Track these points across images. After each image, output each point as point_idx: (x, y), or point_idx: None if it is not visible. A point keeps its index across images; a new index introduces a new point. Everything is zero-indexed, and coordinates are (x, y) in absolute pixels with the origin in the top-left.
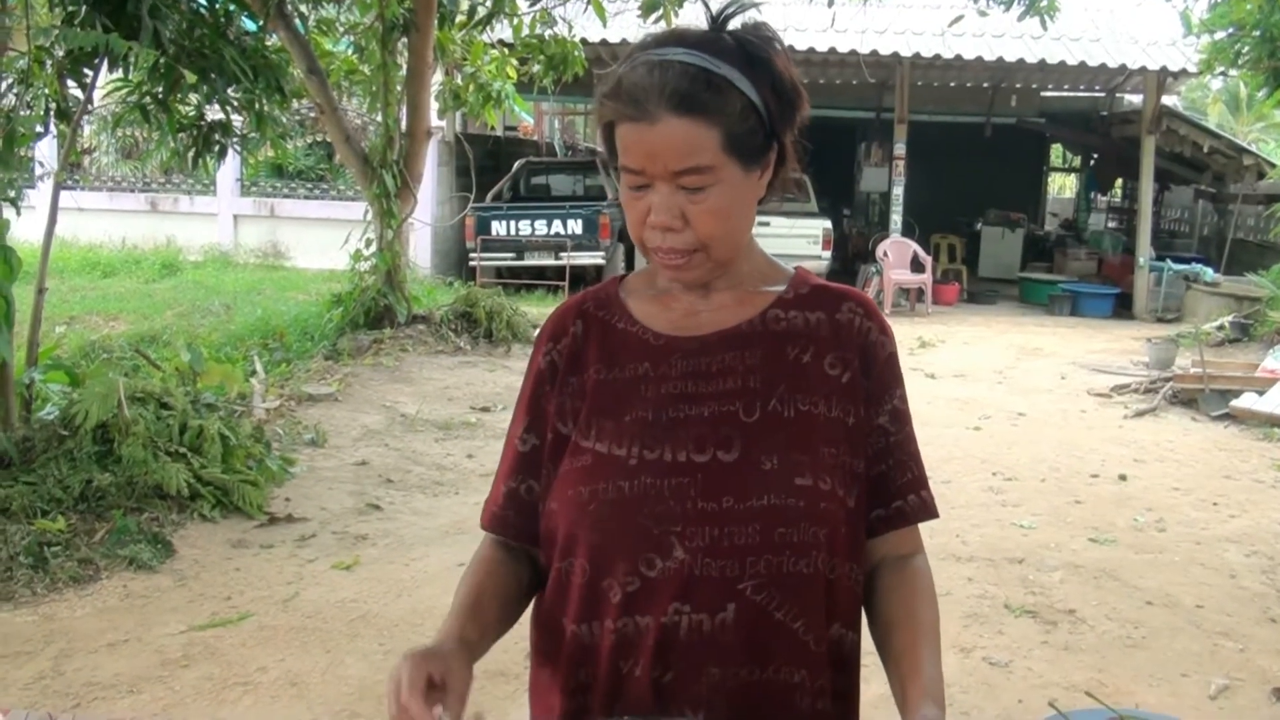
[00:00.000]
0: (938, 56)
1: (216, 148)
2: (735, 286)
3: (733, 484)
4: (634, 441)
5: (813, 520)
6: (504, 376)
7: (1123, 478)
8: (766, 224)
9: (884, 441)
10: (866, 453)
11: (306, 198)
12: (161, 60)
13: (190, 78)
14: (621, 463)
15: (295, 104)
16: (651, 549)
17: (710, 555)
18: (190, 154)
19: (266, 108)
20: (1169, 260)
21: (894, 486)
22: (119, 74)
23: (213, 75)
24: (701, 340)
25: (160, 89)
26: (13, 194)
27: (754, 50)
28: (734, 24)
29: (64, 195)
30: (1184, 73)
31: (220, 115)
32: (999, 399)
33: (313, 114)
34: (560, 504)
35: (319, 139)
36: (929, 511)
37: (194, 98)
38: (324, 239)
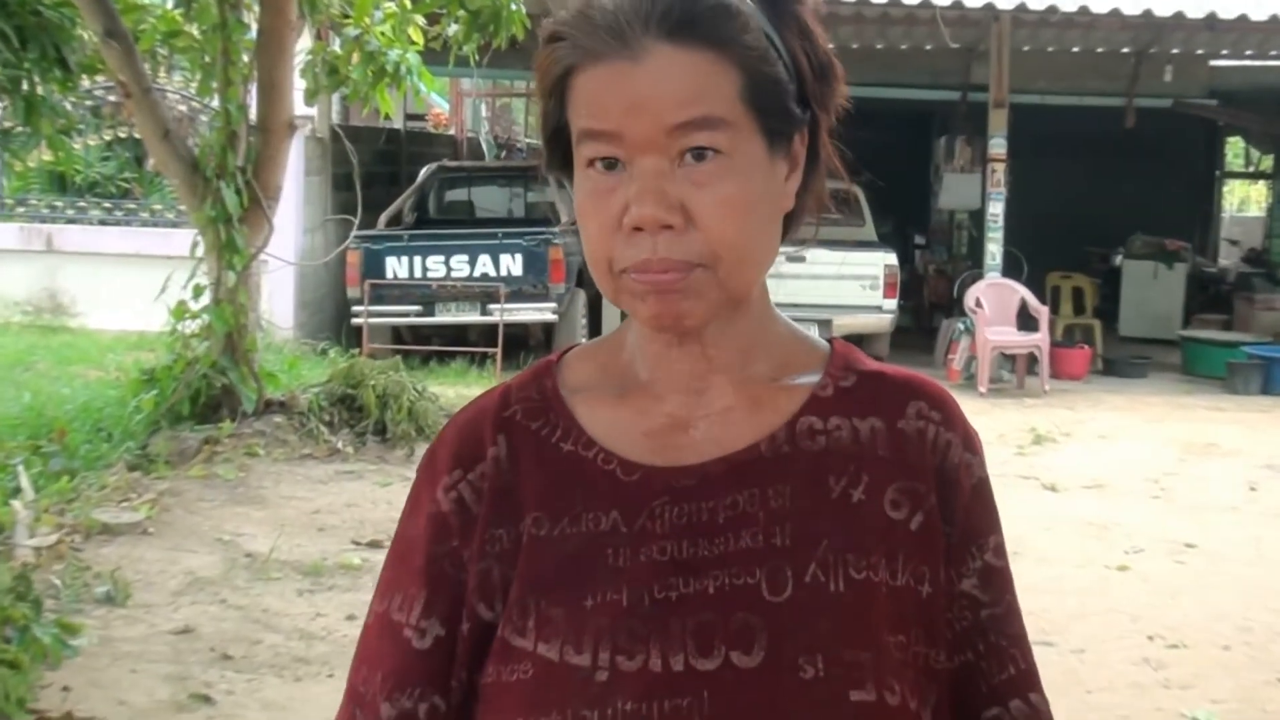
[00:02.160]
0: (1052, 9)
1: None
2: (746, 379)
3: (757, 706)
4: (602, 642)
5: None
6: (402, 493)
7: None
8: (801, 259)
9: (972, 618)
10: (946, 635)
11: (103, 223)
12: None
13: None
14: (584, 677)
15: (86, 83)
16: None
17: None
18: None
19: (40, 89)
20: None
21: (988, 686)
22: None
23: None
24: (700, 472)
25: None
26: None
27: None
28: None
29: None
30: None
31: None
32: (1155, 522)
33: (113, 98)
34: None
35: (123, 135)
36: None
37: None
38: (129, 285)
